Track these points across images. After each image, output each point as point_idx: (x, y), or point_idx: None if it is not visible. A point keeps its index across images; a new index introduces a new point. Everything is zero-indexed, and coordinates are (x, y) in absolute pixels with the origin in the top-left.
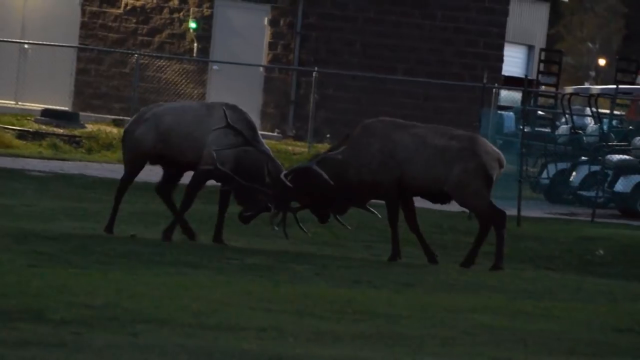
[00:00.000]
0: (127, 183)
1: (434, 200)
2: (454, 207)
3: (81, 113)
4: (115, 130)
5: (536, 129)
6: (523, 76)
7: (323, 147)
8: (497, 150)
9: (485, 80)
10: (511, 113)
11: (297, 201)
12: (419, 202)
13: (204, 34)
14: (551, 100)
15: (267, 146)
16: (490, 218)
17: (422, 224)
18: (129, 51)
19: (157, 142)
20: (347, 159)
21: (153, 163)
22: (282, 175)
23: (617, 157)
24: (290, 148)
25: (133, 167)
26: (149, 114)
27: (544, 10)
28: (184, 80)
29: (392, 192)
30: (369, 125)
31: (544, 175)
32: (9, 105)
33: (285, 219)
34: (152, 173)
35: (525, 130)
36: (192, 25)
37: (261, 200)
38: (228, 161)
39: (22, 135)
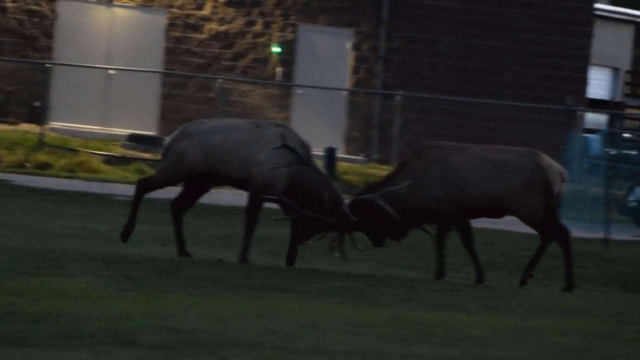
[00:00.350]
0: (149, 190)
1: (494, 215)
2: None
3: (167, 138)
4: None
5: (622, 151)
6: (608, 99)
7: None
8: (559, 164)
9: (570, 103)
10: (597, 136)
11: (355, 228)
12: (501, 225)
13: (288, 58)
14: (637, 123)
15: (321, 168)
16: (544, 229)
17: (504, 247)
18: (213, 76)
19: (203, 159)
20: (410, 189)
21: (196, 180)
22: (344, 207)
23: None
24: (374, 171)
25: (169, 178)
26: (193, 129)
27: (629, 32)
28: (267, 105)
29: (458, 216)
30: (424, 152)
31: (631, 197)
32: (96, 131)
33: (343, 242)
34: (235, 197)
35: (612, 153)
36: (276, 49)
37: (317, 224)
38: (281, 180)
39: (108, 160)
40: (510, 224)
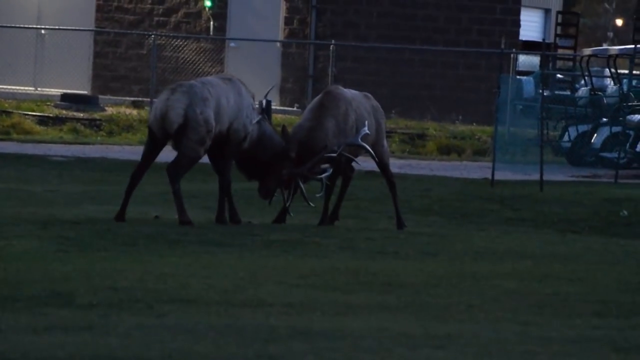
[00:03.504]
0: (184, 173)
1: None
2: (475, 173)
3: (100, 96)
4: (135, 112)
5: (556, 92)
6: (541, 40)
7: None
8: None
9: (502, 46)
10: (530, 78)
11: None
12: (436, 171)
13: (220, 12)
14: (570, 63)
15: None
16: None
17: (440, 193)
18: (146, 32)
19: (216, 122)
20: (329, 128)
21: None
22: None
23: (638, 117)
24: None
25: (200, 153)
26: (205, 93)
27: None
28: (202, 59)
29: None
30: (334, 92)
31: (565, 138)
32: (29, 92)
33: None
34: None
35: (545, 94)
36: (208, 3)
37: (277, 175)
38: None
39: (42, 121)
40: (443, 170)
